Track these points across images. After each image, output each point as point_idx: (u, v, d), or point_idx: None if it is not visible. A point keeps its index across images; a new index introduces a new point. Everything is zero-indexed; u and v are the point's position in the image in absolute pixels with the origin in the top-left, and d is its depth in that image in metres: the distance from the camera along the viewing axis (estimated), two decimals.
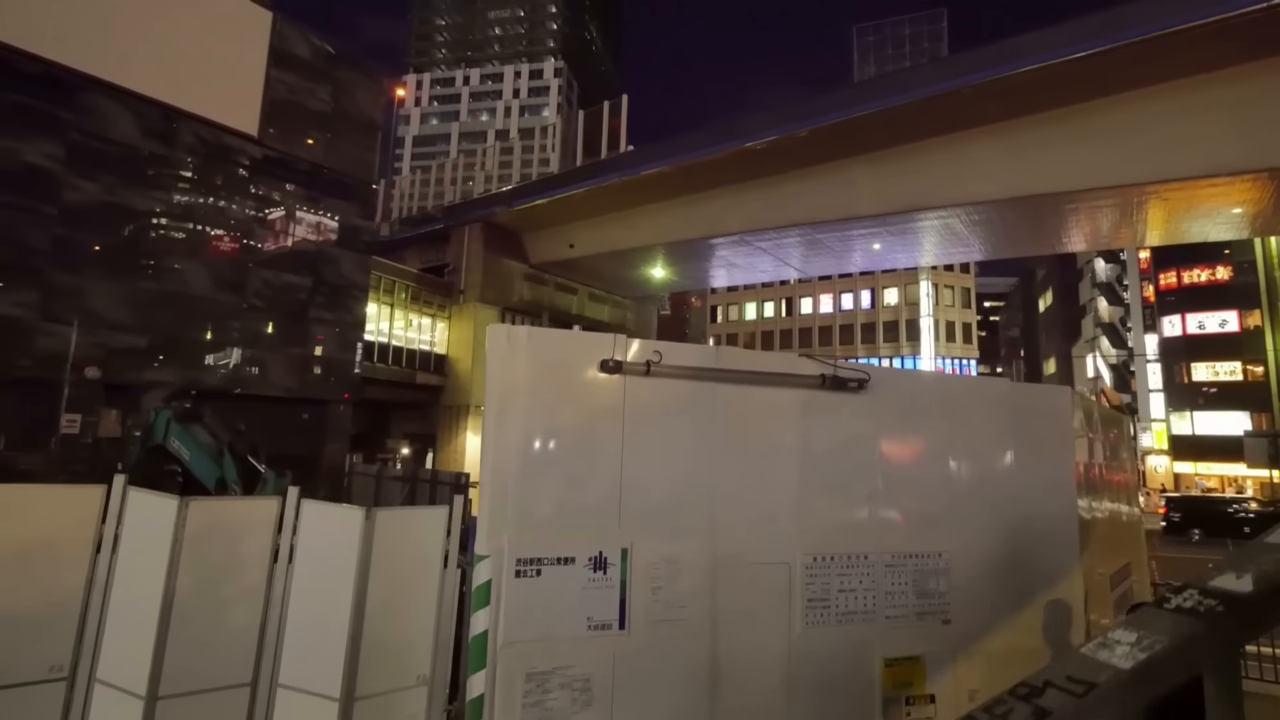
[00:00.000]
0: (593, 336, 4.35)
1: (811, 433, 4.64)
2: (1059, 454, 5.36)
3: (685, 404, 4.39)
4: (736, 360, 4.56)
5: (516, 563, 3.96)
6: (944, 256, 40.53)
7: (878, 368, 4.99)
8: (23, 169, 17.49)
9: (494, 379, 4.11)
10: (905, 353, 54.29)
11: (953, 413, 5.08)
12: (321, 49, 23.80)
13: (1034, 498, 5.22)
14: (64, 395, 16.56)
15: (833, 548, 4.60)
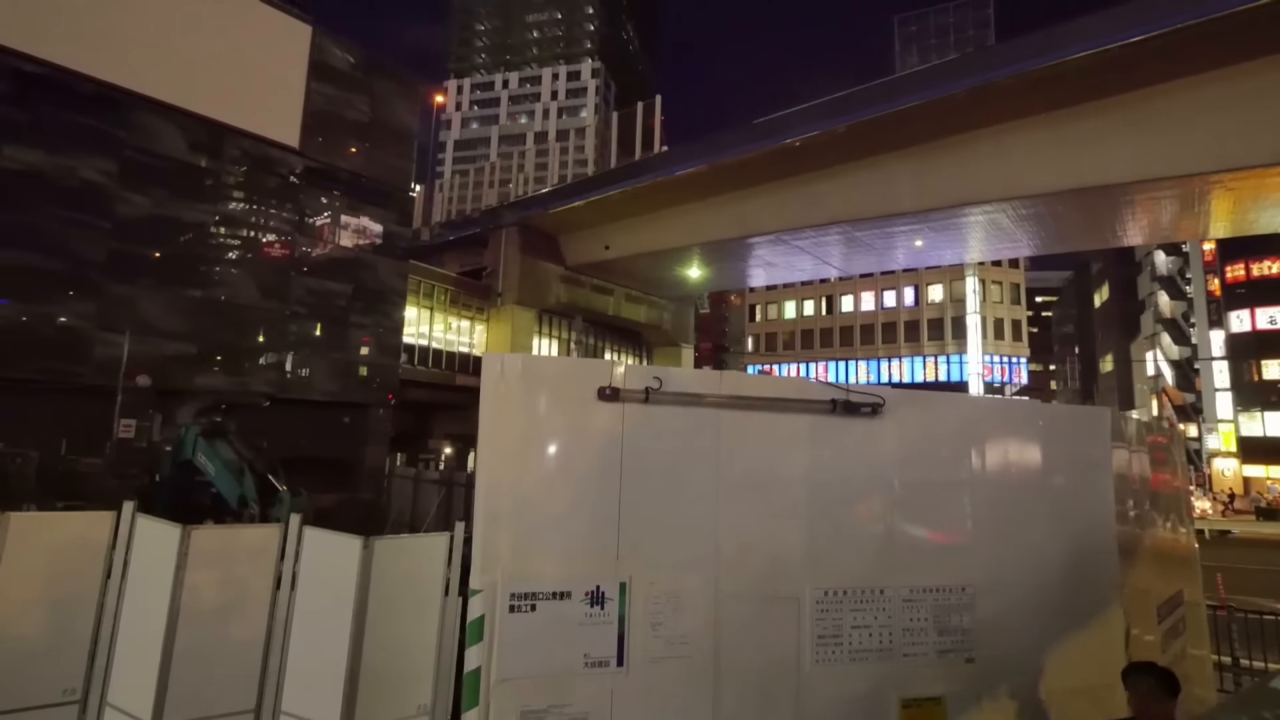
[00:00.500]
0: (590, 363, 4.25)
1: (822, 460, 4.43)
2: (1096, 480, 5.01)
3: (687, 432, 4.24)
4: (741, 386, 4.38)
5: (510, 597, 3.87)
6: (991, 253, 39.15)
7: (895, 390, 4.74)
8: (80, 185, 18.31)
9: (488, 407, 4.03)
10: (950, 351, 52.72)
11: (978, 437, 4.79)
12: (358, 60, 24.30)
13: (1068, 527, 4.89)
14: (118, 401, 17.27)
15: (845, 581, 4.38)
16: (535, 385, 4.09)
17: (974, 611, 4.58)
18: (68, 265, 18.11)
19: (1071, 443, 5.03)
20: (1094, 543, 4.93)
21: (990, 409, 5.41)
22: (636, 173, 36.22)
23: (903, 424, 4.58)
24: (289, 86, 22.39)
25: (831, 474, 4.44)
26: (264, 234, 22.03)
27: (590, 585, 3.96)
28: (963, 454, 4.74)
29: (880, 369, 55.53)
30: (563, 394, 4.12)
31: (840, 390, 4.47)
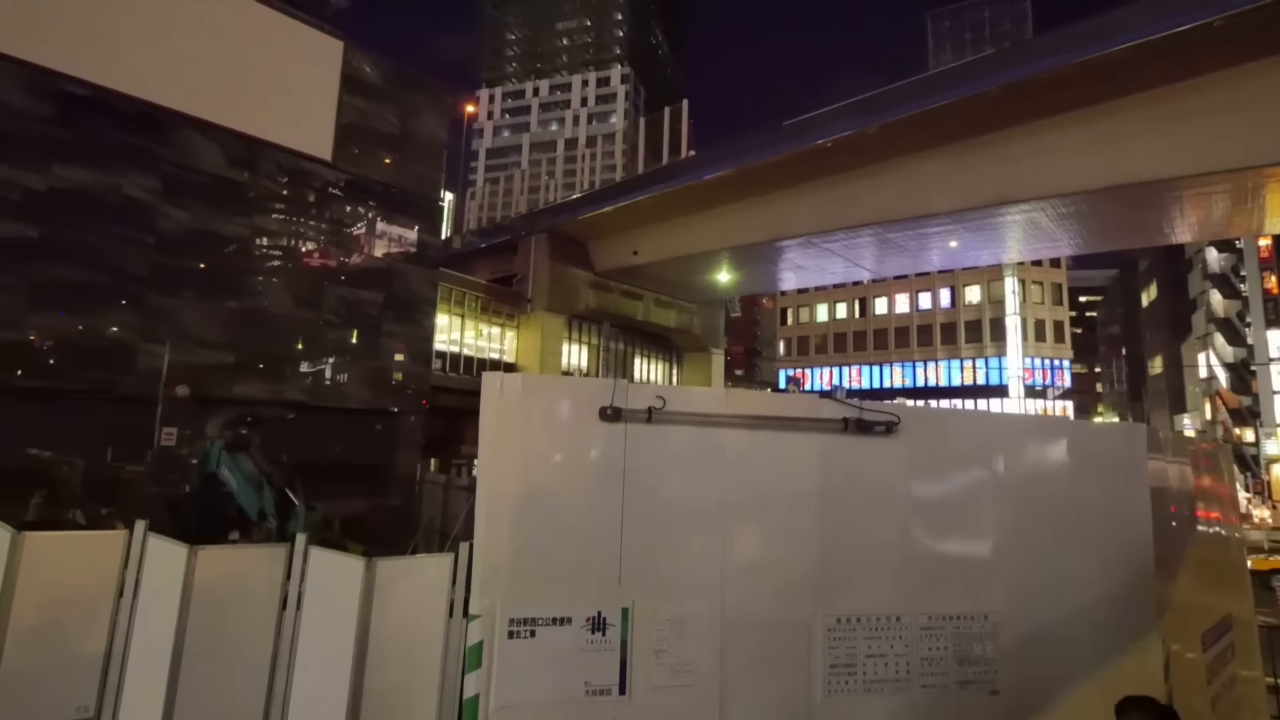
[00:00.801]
0: (591, 383, 4.15)
1: (834, 481, 4.27)
2: (1131, 501, 4.73)
3: (692, 452, 4.12)
4: (748, 405, 4.25)
5: (510, 623, 3.81)
6: (1030, 253, 38.04)
7: (911, 408, 4.56)
8: (124, 201, 18.95)
9: (487, 428, 3.98)
10: (989, 353, 51.35)
11: (1001, 456, 4.56)
12: (389, 73, 24.74)
13: (1101, 550, 4.63)
14: (158, 410, 17.79)
15: (859, 608, 4.21)
16: (535, 405, 4.03)
17: (998, 640, 4.36)
18: (113, 279, 18.73)
19: (1104, 461, 4.76)
20: (1129, 566, 4.65)
21: (1014, 426, 5.15)
22: (664, 178, 36.16)
23: (919, 442, 4.39)
24: (322, 101, 22.89)
25: (844, 495, 4.27)
26: (298, 245, 22.53)
27: (591, 610, 3.87)
28: (984, 473, 4.53)
29: (916, 372, 54.39)
30: (563, 414, 4.04)
31: (853, 408, 4.30)
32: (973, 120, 25.70)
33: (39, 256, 17.52)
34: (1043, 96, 23.86)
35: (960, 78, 25.18)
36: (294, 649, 4.26)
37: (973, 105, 24.92)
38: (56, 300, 17.82)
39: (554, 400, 4.08)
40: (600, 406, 3.97)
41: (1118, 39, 21.17)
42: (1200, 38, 19.70)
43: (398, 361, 24.58)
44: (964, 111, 25.26)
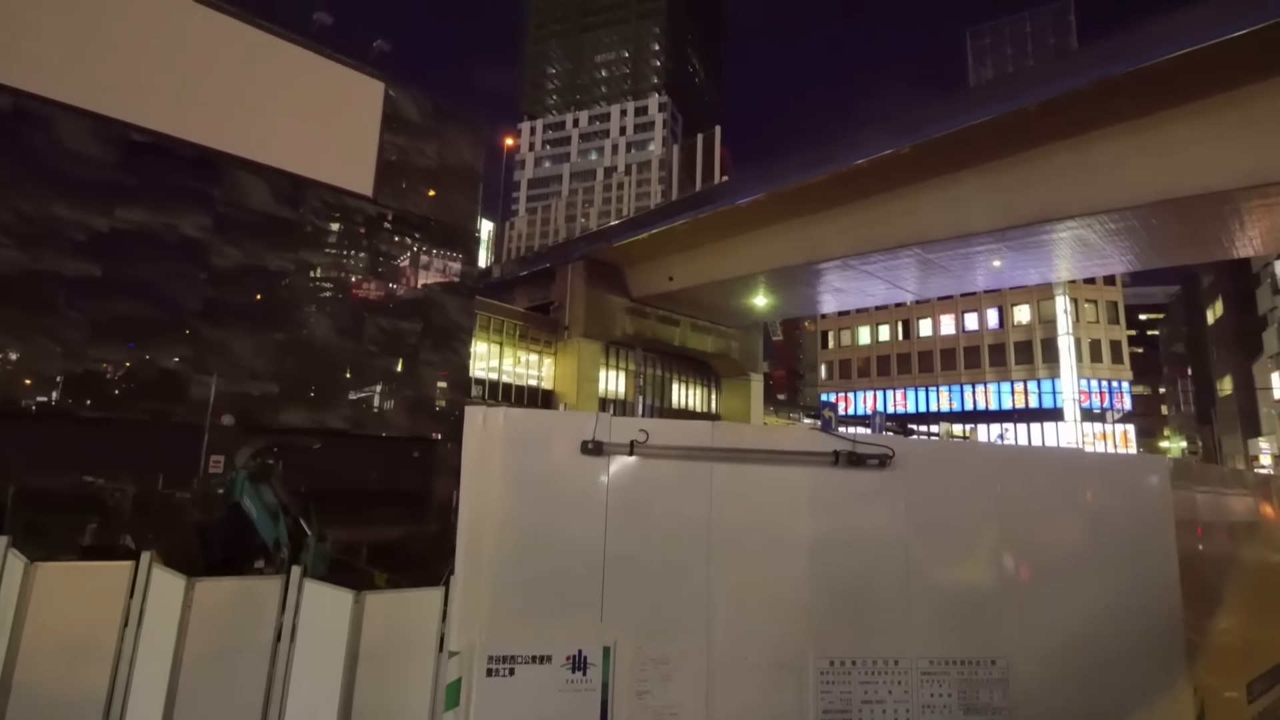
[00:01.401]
0: (573, 416, 4.14)
1: (827, 516, 4.12)
2: (1154, 536, 4.43)
3: (676, 486, 4.05)
4: (735, 438, 4.16)
5: (488, 660, 3.76)
6: (1080, 270, 36.66)
7: (910, 440, 4.39)
8: (179, 240, 20.06)
9: (469, 462, 3.99)
10: (1041, 375, 49.44)
11: (1009, 490, 4.34)
12: (427, 108, 25.69)
13: (1120, 590, 4.33)
14: (205, 438, 18.52)
15: (854, 650, 4.03)
16: (518, 439, 4.03)
17: (1008, 688, 4.10)
18: (168, 313, 19.76)
19: (1123, 494, 4.49)
20: (1153, 606, 4.35)
21: (1024, 458, 4.89)
22: (697, 204, 36.32)
23: (919, 476, 4.22)
24: (364, 139, 23.87)
25: (838, 531, 4.12)
26: (341, 278, 23.36)
27: (572, 649, 3.80)
28: (990, 508, 4.31)
29: (964, 395, 52.70)
30: (546, 448, 4.03)
31: (846, 441, 4.17)
32: (1012, 136, 25.12)
33: (101, 293, 18.64)
34: (1087, 109, 23.18)
35: (997, 94, 24.69)
36: (287, 681, 4.31)
37: (1011, 121, 24.36)
38: (117, 334, 18.87)
39: (536, 434, 4.08)
40: (582, 440, 3.94)
41: (1170, 46, 20.44)
42: (1261, 41, 18.89)
43: (435, 389, 25.11)
44: (1003, 128, 24.71)
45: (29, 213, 17.70)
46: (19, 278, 17.39)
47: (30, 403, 17.41)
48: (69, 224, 18.21)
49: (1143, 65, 21.01)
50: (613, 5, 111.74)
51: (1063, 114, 23.58)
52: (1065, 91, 22.99)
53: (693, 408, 50.44)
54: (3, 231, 17.31)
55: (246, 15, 21.71)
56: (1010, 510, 4.31)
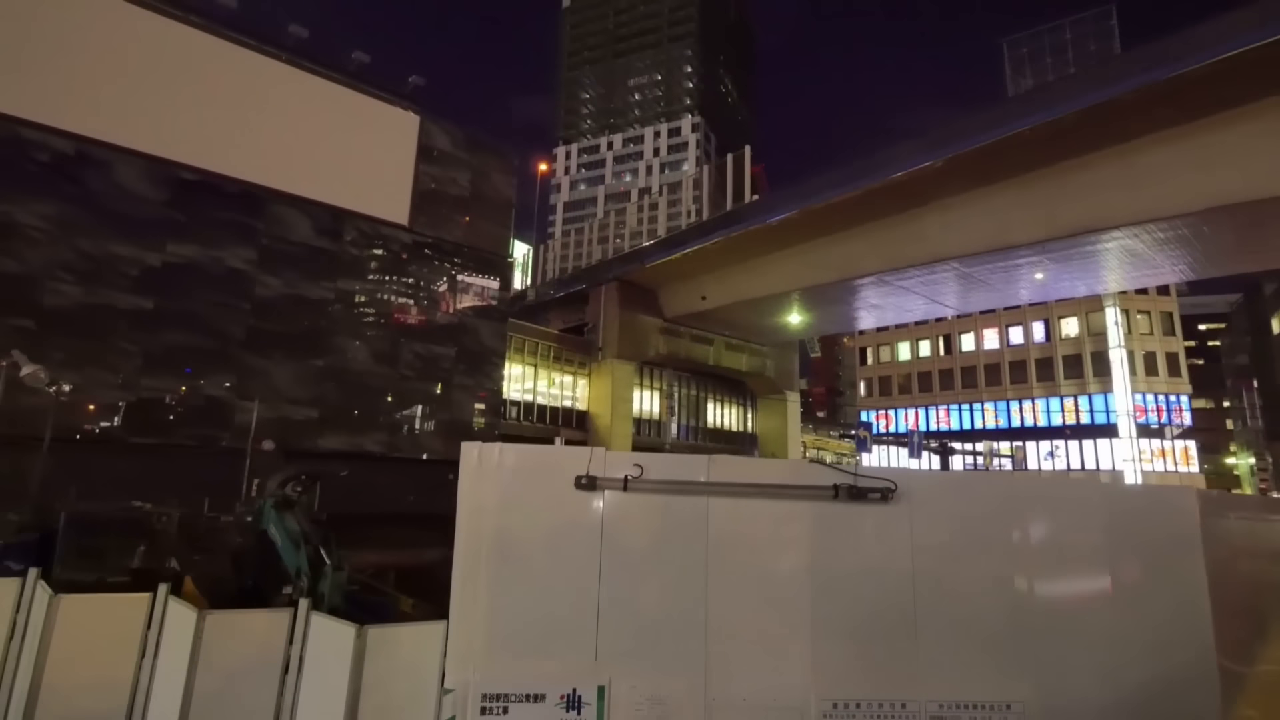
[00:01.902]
0: (568, 452, 4.14)
1: (828, 552, 4.02)
2: (1184, 573, 4.18)
3: (672, 522, 4.01)
4: (731, 471, 4.10)
5: (482, 698, 3.76)
6: (1130, 281, 35.30)
7: (915, 472, 4.25)
8: (226, 272, 20.94)
9: (465, 498, 4.02)
10: (1093, 390, 47.56)
11: (1023, 524, 4.17)
12: (460, 139, 26.41)
13: (1148, 629, 4.09)
14: (246, 463, 19.11)
15: (858, 691, 3.89)
16: (512, 475, 4.05)
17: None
18: (215, 343, 20.57)
19: (1148, 527, 4.26)
20: (1183, 648, 4.09)
21: (1039, 489, 4.67)
22: (728, 223, 36.30)
23: (926, 509, 4.09)
24: (400, 170, 24.63)
25: (840, 567, 4.01)
26: (377, 305, 24.00)
27: (566, 687, 3.77)
28: (1003, 543, 4.14)
29: (1010, 411, 51.01)
30: (540, 484, 4.04)
31: (847, 474, 4.07)
32: (1051, 146, 24.49)
33: (153, 325, 19.53)
34: (1130, 116, 22.49)
35: (1039, 102, 24.11)
36: (294, 714, 4.36)
37: (1049, 131, 23.76)
38: (167, 364, 19.71)
39: (531, 469, 4.09)
40: (575, 475, 3.94)
41: (1218, 50, 19.72)
42: None
43: (469, 412, 25.48)
44: (1040, 138, 24.12)
45: (88, 250, 18.72)
46: (78, 311, 18.36)
47: (85, 430, 18.24)
48: (124, 260, 19.19)
49: (1190, 69, 20.30)
50: (644, 30, 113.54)
51: (1104, 122, 22.93)
52: (1110, 98, 22.31)
53: (728, 427, 50.01)
54: (64, 269, 18.32)
55: (289, 56, 22.74)
56: (1025, 544, 4.14)
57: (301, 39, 23.06)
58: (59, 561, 11.58)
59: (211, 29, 21.48)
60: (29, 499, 14.14)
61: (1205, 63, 19.91)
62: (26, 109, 18.03)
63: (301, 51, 23.13)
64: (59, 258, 18.27)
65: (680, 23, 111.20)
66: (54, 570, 11.14)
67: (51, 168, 18.38)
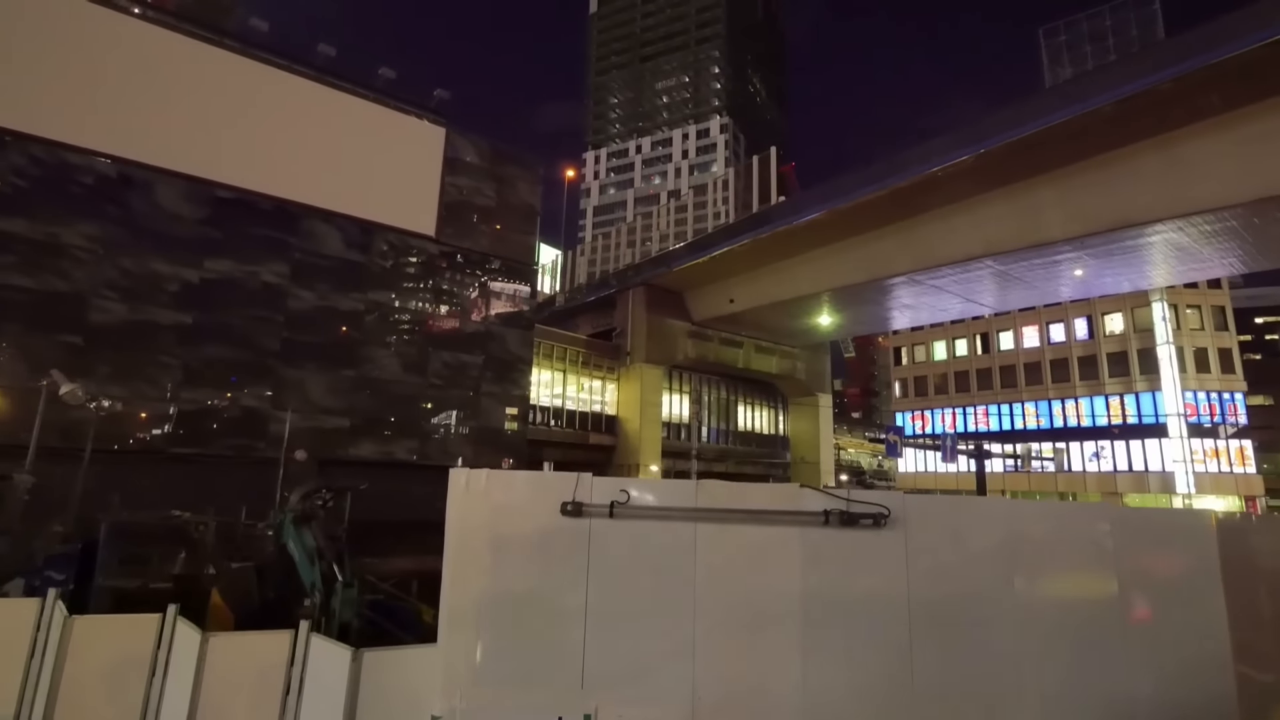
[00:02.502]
0: (555, 477, 4.12)
1: (818, 578, 3.93)
2: (1200, 598, 3.98)
3: (660, 548, 3.96)
4: (720, 497, 4.04)
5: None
6: (1177, 276, 33.92)
7: (911, 497, 4.12)
8: (260, 287, 21.56)
9: (453, 524, 4.05)
10: (1140, 388, 45.79)
11: (1023, 550, 4.01)
12: (485, 150, 26.74)
13: (1161, 658, 3.90)
14: (284, 471, 19.62)
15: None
16: (500, 501, 4.06)
17: None
18: (250, 355, 21.18)
19: (1161, 554, 4.06)
20: (1200, 676, 3.89)
21: (1044, 514, 4.47)
22: (756, 226, 36.02)
23: (922, 535, 3.97)
24: (427, 182, 25.05)
25: (831, 595, 3.92)
26: (407, 315, 24.43)
27: (551, 716, 3.76)
28: (1003, 571, 3.99)
29: (1051, 411, 49.44)
30: (527, 510, 4.04)
31: (839, 499, 3.98)
32: (1087, 139, 23.74)
33: (192, 339, 20.21)
34: (1171, 106, 21.64)
35: (1076, 93, 23.33)
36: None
37: (1085, 123, 23.01)
38: (205, 377, 20.36)
39: (518, 496, 4.09)
40: (562, 502, 3.93)
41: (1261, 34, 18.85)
42: None
43: (497, 419, 25.75)
44: (1075, 131, 23.38)
45: (130, 269, 19.47)
46: (122, 327, 19.10)
47: (129, 441, 18.94)
48: (164, 277, 19.91)
49: (1241, 52, 19.39)
50: (671, 33, 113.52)
51: (1143, 112, 22.10)
52: (1150, 87, 21.47)
53: (759, 430, 49.57)
54: (109, 287, 19.09)
55: (318, 75, 23.32)
56: (1028, 572, 3.98)
57: (330, 57, 23.64)
58: (100, 570, 12.04)
59: (245, 51, 22.18)
60: (72, 509, 14.70)
61: (1255, 46, 19.02)
62: (70, 134, 18.85)
63: (330, 70, 23.71)
64: (104, 276, 19.05)
65: (707, 24, 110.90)
66: (95, 579, 11.59)
67: (95, 190, 19.18)
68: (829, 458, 49.28)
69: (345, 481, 16.48)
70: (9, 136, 18.05)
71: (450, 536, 3.93)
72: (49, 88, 18.75)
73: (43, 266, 18.24)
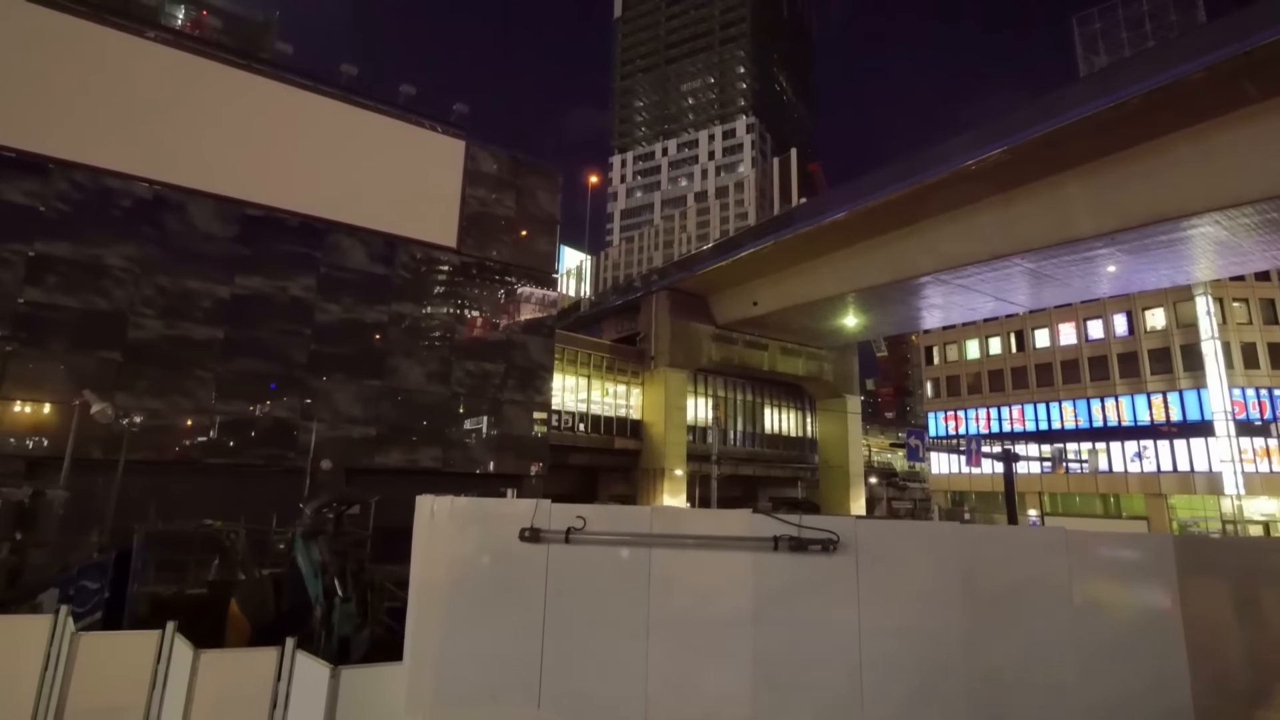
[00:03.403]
0: (515, 504, 4.26)
1: (770, 604, 4.00)
2: (1158, 627, 3.92)
3: (615, 573, 4.08)
4: (674, 523, 4.14)
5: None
6: (1219, 270, 32.66)
7: (865, 521, 4.16)
8: (289, 301, 22.26)
9: (418, 551, 4.22)
10: (1184, 386, 44.15)
11: (977, 575, 4.01)
12: (505, 162, 27.16)
13: (1116, 688, 3.86)
14: (311, 480, 20.23)
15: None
16: (462, 528, 4.22)
17: None
18: (280, 367, 21.89)
19: (1118, 580, 4.02)
20: (1155, 708, 3.85)
21: (998, 539, 4.42)
22: (777, 228, 35.81)
23: (875, 561, 4.01)
24: (448, 194, 25.56)
25: (782, 619, 3.98)
26: (430, 325, 24.94)
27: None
28: (957, 598, 4.00)
29: (1091, 411, 48.00)
30: (488, 536, 4.19)
31: (790, 526, 4.05)
32: (1117, 131, 23.11)
33: (225, 353, 20.98)
34: (1208, 95, 20.94)
35: (1083, 95, 22.75)
36: None
37: (1114, 115, 22.38)
38: (237, 389, 21.11)
39: (479, 523, 4.25)
40: (520, 528, 4.08)
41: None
42: None
43: (519, 426, 26.11)
44: (1105, 123, 22.77)
45: (166, 286, 20.31)
46: (158, 344, 19.93)
47: (168, 453, 19.74)
48: (198, 294, 20.71)
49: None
50: (696, 35, 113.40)
51: (1176, 102, 21.40)
52: (1181, 77, 20.81)
53: (787, 432, 49.21)
54: (145, 304, 19.94)
55: (342, 94, 24.01)
56: (980, 598, 3.99)
57: (352, 76, 24.31)
58: (135, 577, 12.62)
59: (271, 74, 22.95)
60: (108, 520, 15.37)
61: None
62: (110, 160, 19.77)
63: (353, 88, 24.37)
64: (141, 294, 19.91)
65: (732, 24, 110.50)
66: (130, 586, 12.15)
67: (133, 212, 20.07)
68: (858, 460, 48.64)
69: (366, 492, 16.97)
70: (52, 164, 19.02)
71: (416, 561, 4.12)
72: (89, 117, 19.70)
73: (84, 286, 19.16)
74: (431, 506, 4.19)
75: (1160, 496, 44.30)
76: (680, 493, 38.78)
